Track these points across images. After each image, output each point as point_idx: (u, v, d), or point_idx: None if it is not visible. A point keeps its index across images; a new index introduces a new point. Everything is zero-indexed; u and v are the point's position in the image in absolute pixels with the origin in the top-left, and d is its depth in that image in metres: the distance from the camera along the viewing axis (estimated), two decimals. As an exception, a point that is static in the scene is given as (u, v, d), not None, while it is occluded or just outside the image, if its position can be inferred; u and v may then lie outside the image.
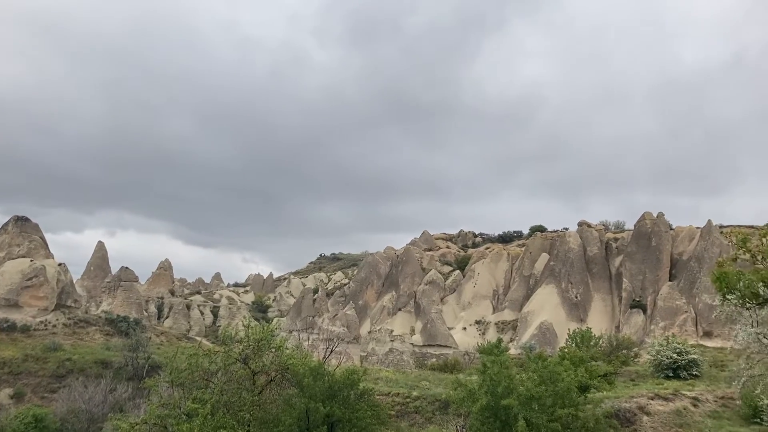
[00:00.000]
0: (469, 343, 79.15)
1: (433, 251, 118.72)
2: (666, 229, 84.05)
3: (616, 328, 75.56)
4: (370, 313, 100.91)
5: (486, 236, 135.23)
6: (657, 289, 77.04)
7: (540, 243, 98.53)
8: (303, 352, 26.66)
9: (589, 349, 41.43)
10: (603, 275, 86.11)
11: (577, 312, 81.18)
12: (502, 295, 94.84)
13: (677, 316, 71.45)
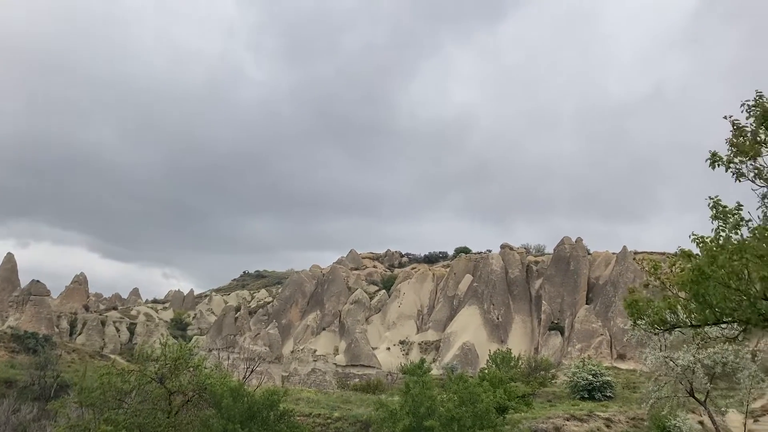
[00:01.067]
0: (392, 363, 79.21)
1: (360, 270, 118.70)
2: (584, 254, 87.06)
3: (535, 350, 77.40)
4: (294, 333, 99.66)
5: (412, 256, 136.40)
6: (574, 312, 79.48)
7: (464, 264, 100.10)
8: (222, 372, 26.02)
9: (508, 370, 42.27)
10: (524, 297, 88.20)
11: (498, 333, 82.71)
12: (426, 316, 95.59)
13: (593, 339, 73.83)
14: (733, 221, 7.30)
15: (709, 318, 7.85)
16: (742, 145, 7.14)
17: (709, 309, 7.68)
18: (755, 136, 7.09)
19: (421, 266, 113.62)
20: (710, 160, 7.64)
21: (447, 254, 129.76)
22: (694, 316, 7.94)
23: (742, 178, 7.48)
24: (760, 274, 6.40)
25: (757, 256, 6.36)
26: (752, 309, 7.24)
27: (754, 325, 7.60)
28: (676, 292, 8.35)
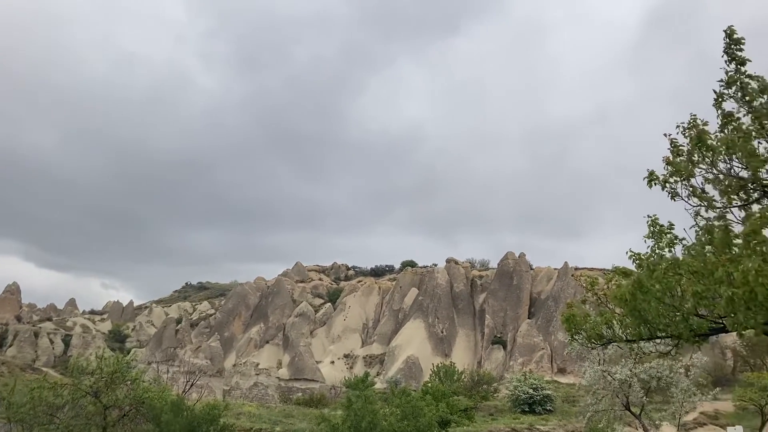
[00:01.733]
0: (336, 377, 78.71)
1: (305, 283, 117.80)
2: (527, 269, 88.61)
3: (478, 363, 78.13)
4: (237, 346, 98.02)
5: (359, 269, 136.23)
6: (517, 326, 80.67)
7: (410, 278, 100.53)
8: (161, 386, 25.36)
9: (451, 383, 42.51)
10: (468, 311, 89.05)
11: (442, 347, 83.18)
12: (371, 329, 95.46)
13: (534, 353, 75.02)
14: (667, 239, 7.53)
15: (644, 333, 8.06)
16: (678, 165, 7.39)
17: (643, 324, 7.88)
18: (690, 156, 7.36)
19: (367, 279, 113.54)
20: (648, 179, 7.88)
21: (393, 267, 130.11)
22: (629, 331, 8.14)
23: (677, 197, 7.73)
24: (692, 291, 6.61)
25: (690, 272, 6.57)
26: (684, 324, 7.46)
27: (686, 341, 7.83)
28: (612, 307, 8.55)
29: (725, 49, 7.08)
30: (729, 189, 7.67)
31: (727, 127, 7.39)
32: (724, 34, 7.02)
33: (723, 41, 7.08)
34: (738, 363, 61.28)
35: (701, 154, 7.27)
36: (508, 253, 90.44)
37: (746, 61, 7.03)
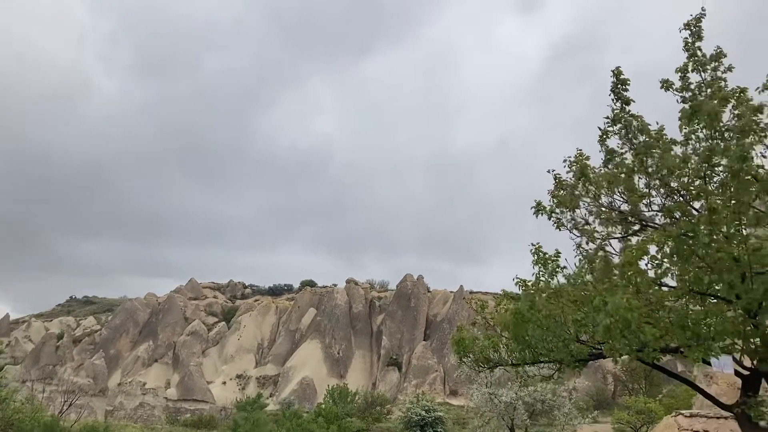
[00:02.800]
0: (227, 398, 76.53)
1: (199, 300, 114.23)
2: (424, 291, 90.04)
3: (373, 385, 78.25)
4: (123, 364, 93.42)
5: (256, 288, 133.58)
6: (412, 348, 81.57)
7: (309, 298, 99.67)
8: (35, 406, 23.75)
9: (345, 405, 42.31)
10: (365, 332, 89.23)
11: (338, 368, 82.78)
12: (266, 349, 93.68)
13: (428, 375, 76.03)
14: (551, 267, 7.85)
15: (528, 358, 8.35)
16: (562, 198, 7.74)
17: (527, 349, 8.15)
18: (574, 190, 7.72)
19: (264, 298, 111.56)
20: (535, 209, 8.19)
21: (292, 287, 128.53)
22: (514, 356, 8.41)
23: (562, 227, 8.08)
24: (572, 318, 6.91)
25: (570, 300, 6.87)
26: (565, 350, 7.76)
27: (567, 365, 8.15)
28: (499, 331, 8.80)
29: (612, 88, 7.54)
30: (610, 221, 8.12)
31: (610, 162, 7.83)
32: (611, 73, 7.48)
33: (610, 81, 7.54)
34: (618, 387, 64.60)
35: (585, 187, 7.66)
36: (406, 276, 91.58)
37: (630, 101, 7.50)
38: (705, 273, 6.38)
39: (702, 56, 7.63)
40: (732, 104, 7.76)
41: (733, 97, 7.72)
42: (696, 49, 7.55)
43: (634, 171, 7.44)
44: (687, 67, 7.69)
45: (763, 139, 7.32)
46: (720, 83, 7.60)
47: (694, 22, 7.49)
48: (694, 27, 7.46)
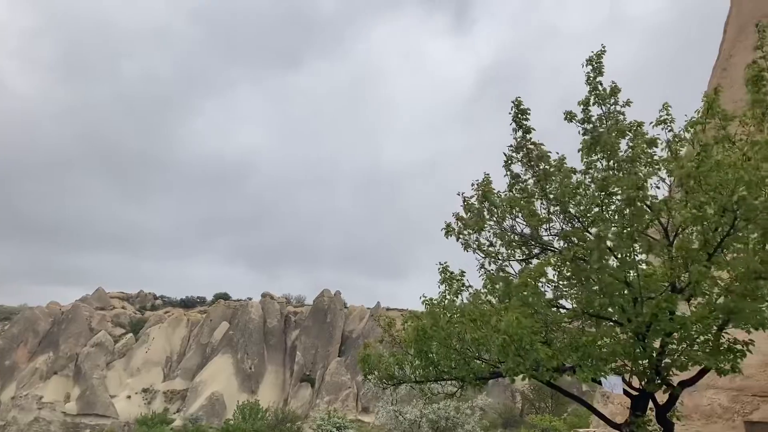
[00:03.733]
0: (132, 412, 73.57)
1: (106, 311, 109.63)
2: (341, 307, 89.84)
3: (285, 401, 77.23)
4: (18, 376, 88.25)
5: (168, 299, 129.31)
6: (326, 364, 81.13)
7: (222, 311, 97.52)
8: None
9: (255, 421, 41.53)
10: (279, 348, 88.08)
11: (249, 383, 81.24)
12: (175, 363, 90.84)
13: (341, 391, 75.73)
14: (456, 286, 8.05)
15: (431, 375, 8.50)
16: (467, 220, 7.99)
17: (431, 366, 8.30)
18: (480, 213, 7.97)
19: (175, 310, 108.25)
20: (445, 230, 8.38)
21: (205, 299, 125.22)
22: (418, 373, 8.54)
23: (469, 248, 8.30)
24: (473, 336, 7.10)
25: (470, 319, 7.06)
26: (467, 368, 7.94)
27: (468, 383, 8.35)
28: (405, 348, 8.92)
29: (513, 117, 7.87)
30: (513, 244, 8.42)
31: (514, 187, 8.14)
32: (512, 104, 7.81)
33: (511, 111, 7.87)
34: (525, 405, 66.27)
35: (489, 211, 7.94)
36: (324, 291, 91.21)
37: (531, 130, 7.85)
38: (597, 296, 6.70)
39: (603, 90, 8.07)
40: (629, 137, 8.25)
41: (630, 130, 8.21)
42: (597, 84, 7.98)
43: (535, 196, 7.76)
44: (589, 100, 8.11)
45: (657, 171, 7.81)
46: (618, 117, 8.06)
47: (596, 58, 7.92)
48: (596, 63, 7.90)
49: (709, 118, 7.51)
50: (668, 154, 7.76)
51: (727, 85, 11.32)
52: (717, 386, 11.33)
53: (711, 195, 5.77)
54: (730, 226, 6.16)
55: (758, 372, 10.79)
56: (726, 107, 8.76)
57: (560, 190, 7.02)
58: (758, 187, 5.54)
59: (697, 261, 6.43)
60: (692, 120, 7.25)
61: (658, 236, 7.92)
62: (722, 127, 7.59)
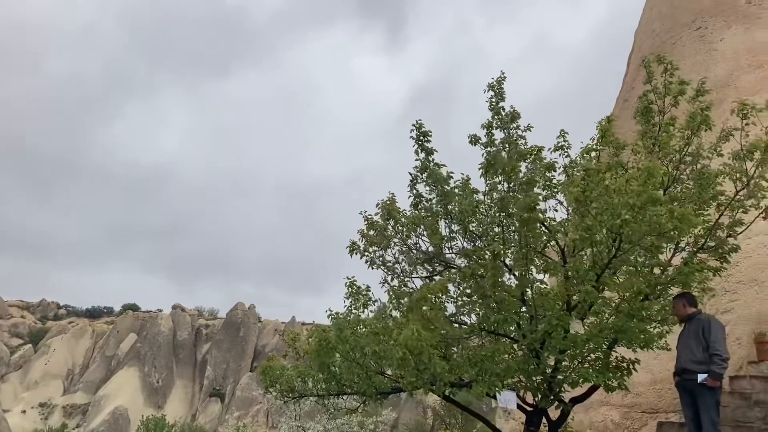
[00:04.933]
0: (27, 428, 69.65)
1: (3, 320, 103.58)
2: (255, 321, 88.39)
3: (193, 416, 75.05)
4: None
5: (72, 309, 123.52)
6: (238, 378, 79.49)
7: (130, 322, 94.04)
8: None
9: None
10: (189, 361, 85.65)
11: (156, 398, 78.51)
12: (77, 376, 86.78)
13: (252, 407, 74.32)
14: (362, 301, 8.10)
15: (333, 389, 8.49)
16: (372, 238, 8.10)
17: (333, 380, 8.30)
18: (384, 230, 8.09)
19: (80, 320, 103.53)
20: (349, 248, 8.43)
21: (113, 310, 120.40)
22: (320, 387, 8.52)
23: (373, 265, 8.38)
24: (373, 350, 7.17)
25: (372, 333, 7.13)
26: (368, 383, 7.99)
27: (370, 398, 8.39)
28: (309, 362, 8.88)
29: (416, 139, 8.07)
30: (417, 261, 8.57)
31: (418, 206, 8.32)
32: (413, 126, 8.02)
33: (413, 133, 8.08)
34: (436, 421, 66.98)
35: (394, 229, 8.08)
36: (238, 304, 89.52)
37: (434, 151, 8.07)
38: (492, 313, 6.91)
39: (504, 115, 8.38)
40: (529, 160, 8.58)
41: (531, 154, 8.55)
42: (499, 109, 8.28)
43: (439, 215, 7.96)
44: (491, 124, 8.40)
45: (555, 195, 8.15)
46: (519, 141, 8.39)
47: (497, 84, 8.24)
48: (497, 89, 8.21)
49: (603, 145, 7.92)
50: (565, 178, 8.12)
51: (628, 116, 11.95)
52: (610, 403, 11.81)
53: (598, 219, 6.07)
54: (617, 248, 6.48)
55: (647, 390, 11.32)
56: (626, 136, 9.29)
57: (461, 210, 7.22)
58: (641, 211, 5.87)
59: (587, 281, 6.72)
60: (587, 146, 7.62)
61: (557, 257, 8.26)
62: (615, 155, 8.02)
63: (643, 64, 7.93)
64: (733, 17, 12.73)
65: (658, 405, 11.04)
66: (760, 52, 11.91)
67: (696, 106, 7.77)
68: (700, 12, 13.33)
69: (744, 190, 7.88)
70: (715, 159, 8.19)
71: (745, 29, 12.43)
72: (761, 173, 7.79)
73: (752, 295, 10.30)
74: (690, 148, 7.71)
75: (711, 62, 12.56)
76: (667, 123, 7.95)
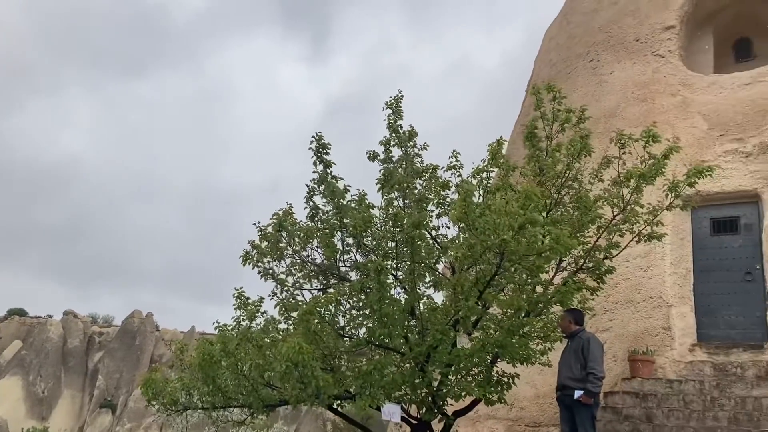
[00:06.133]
0: None
1: None
2: (152, 330, 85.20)
3: (80, 428, 71.44)
4: None
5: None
6: (131, 389, 76.24)
7: (15, 328, 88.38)
8: None
9: (40, 451, 38.02)
10: (79, 371, 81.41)
11: (40, 408, 74.10)
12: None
13: (145, 419, 71.42)
14: (251, 312, 8.00)
15: (219, 402, 8.33)
16: (263, 249, 8.05)
17: (219, 392, 8.14)
18: (278, 242, 8.06)
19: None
20: (242, 258, 8.33)
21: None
22: (205, 399, 8.32)
23: (265, 276, 8.32)
24: (257, 362, 7.10)
25: (258, 345, 7.06)
26: (255, 395, 7.89)
27: (257, 410, 8.29)
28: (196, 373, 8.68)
29: (315, 152, 8.12)
30: (311, 274, 8.58)
31: (314, 218, 8.34)
32: (312, 138, 8.06)
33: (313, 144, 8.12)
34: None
35: (288, 240, 8.06)
36: (135, 311, 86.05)
37: (332, 164, 8.13)
38: (378, 326, 7.01)
39: (402, 133, 8.57)
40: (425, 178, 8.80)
41: (427, 172, 8.77)
42: (397, 127, 8.46)
43: (335, 228, 8.01)
44: (390, 141, 8.57)
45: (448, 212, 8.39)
46: (415, 159, 8.60)
47: (395, 102, 8.43)
48: (395, 107, 8.40)
49: (493, 167, 8.24)
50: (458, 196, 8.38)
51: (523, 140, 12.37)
52: (496, 417, 12.15)
53: (481, 238, 6.29)
54: (497, 266, 6.74)
55: (531, 404, 11.74)
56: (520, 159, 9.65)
57: (355, 224, 7.30)
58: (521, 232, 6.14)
59: (471, 297, 6.94)
60: (478, 167, 7.89)
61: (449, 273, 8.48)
62: (504, 176, 8.36)
63: (533, 91, 8.31)
64: (623, 52, 13.52)
65: (540, 419, 11.48)
66: (644, 87, 12.71)
67: (576, 133, 8.22)
68: (593, 45, 14.07)
69: (620, 214, 8.39)
70: (596, 184, 8.68)
71: (632, 64, 13.22)
72: (636, 199, 8.33)
73: (628, 315, 10.92)
74: (570, 173, 8.12)
75: (601, 93, 13.28)
76: (553, 149, 8.35)
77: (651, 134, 8.17)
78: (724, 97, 11.73)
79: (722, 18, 13.63)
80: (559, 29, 15.62)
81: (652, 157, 8.22)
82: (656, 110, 12.08)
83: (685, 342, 10.49)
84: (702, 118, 11.71)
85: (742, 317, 10.51)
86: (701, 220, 11.24)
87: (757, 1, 12.89)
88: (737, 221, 11.02)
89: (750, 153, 10.92)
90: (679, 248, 11.09)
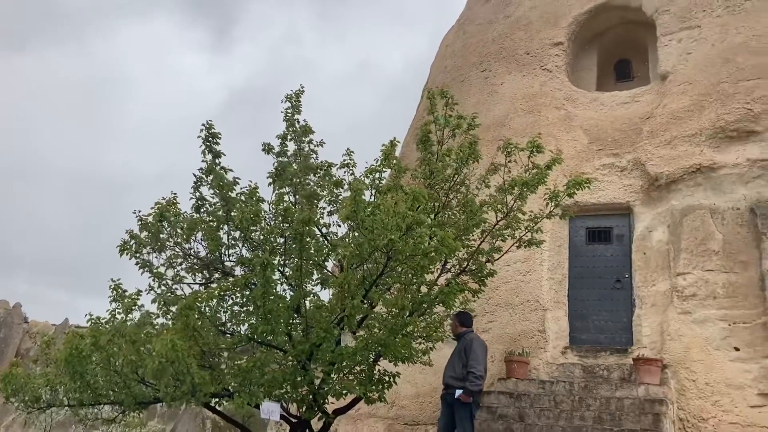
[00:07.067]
0: None
1: None
2: (20, 322, 79.77)
3: (-69, 428, 65.76)
4: None
5: None
6: (-7, 385, 71.25)
7: None
8: None
9: None
10: (-67, 365, 75.07)
11: None
12: None
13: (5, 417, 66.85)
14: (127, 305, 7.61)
15: (87, 399, 7.87)
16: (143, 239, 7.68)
17: (88, 389, 7.70)
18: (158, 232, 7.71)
19: None
20: (120, 248, 7.90)
21: None
22: (72, 396, 7.85)
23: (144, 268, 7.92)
24: (127, 359, 6.77)
25: (131, 341, 6.72)
26: (127, 391, 7.53)
27: (128, 408, 7.90)
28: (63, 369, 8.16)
29: (204, 141, 7.83)
30: (194, 267, 8.27)
31: (200, 210, 8.04)
32: (203, 126, 7.79)
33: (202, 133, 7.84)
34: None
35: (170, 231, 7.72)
36: (0, 301, 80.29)
37: (221, 154, 7.88)
38: (261, 323, 6.86)
39: (299, 128, 8.44)
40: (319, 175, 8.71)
41: (320, 169, 8.68)
42: (294, 121, 8.33)
43: (221, 221, 7.76)
44: (286, 135, 8.42)
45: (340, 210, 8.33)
46: (310, 155, 8.50)
47: (294, 96, 8.29)
48: (294, 101, 8.26)
49: (386, 167, 8.27)
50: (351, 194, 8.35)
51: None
52: (377, 415, 12.21)
53: (368, 236, 6.30)
54: (384, 265, 6.77)
55: (411, 402, 11.90)
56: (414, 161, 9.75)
57: (242, 217, 7.09)
58: (408, 232, 6.19)
59: (356, 296, 6.93)
60: (370, 167, 7.89)
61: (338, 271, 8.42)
62: (396, 177, 8.43)
63: (428, 96, 8.43)
64: (513, 65, 13.99)
65: (419, 417, 11.67)
66: (532, 99, 13.21)
67: (466, 139, 8.42)
68: (486, 55, 14.48)
69: (503, 220, 8.67)
70: (483, 190, 8.92)
71: (522, 76, 13.71)
72: (519, 206, 8.64)
73: (507, 318, 11.31)
74: (459, 177, 8.31)
75: (492, 102, 13.69)
76: (444, 153, 8.51)
77: (536, 145, 8.51)
78: (604, 113, 12.39)
79: (606, 39, 14.38)
80: (456, 37, 15.98)
81: (536, 167, 8.55)
82: (542, 122, 12.57)
83: (558, 345, 10.98)
84: (583, 132, 12.31)
85: (610, 322, 11.14)
86: (578, 229, 11.81)
87: (638, 27, 13.70)
88: (610, 231, 11.66)
89: (625, 168, 11.59)
90: (556, 255, 11.59)
